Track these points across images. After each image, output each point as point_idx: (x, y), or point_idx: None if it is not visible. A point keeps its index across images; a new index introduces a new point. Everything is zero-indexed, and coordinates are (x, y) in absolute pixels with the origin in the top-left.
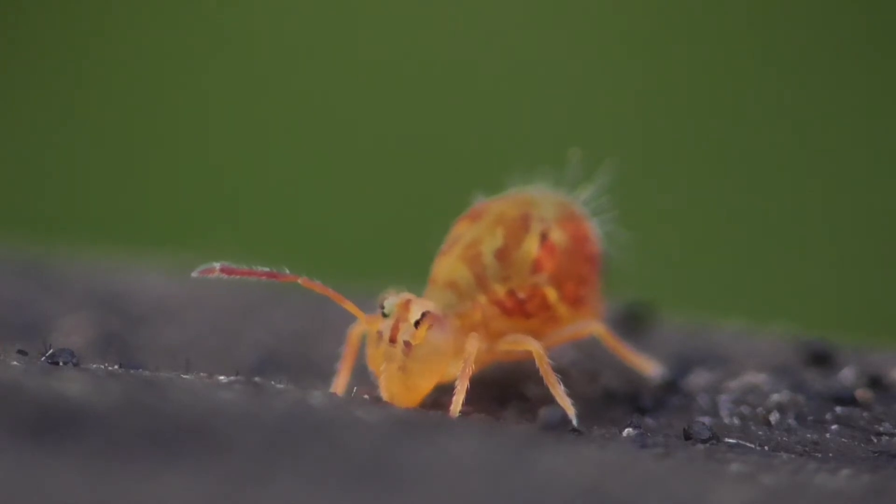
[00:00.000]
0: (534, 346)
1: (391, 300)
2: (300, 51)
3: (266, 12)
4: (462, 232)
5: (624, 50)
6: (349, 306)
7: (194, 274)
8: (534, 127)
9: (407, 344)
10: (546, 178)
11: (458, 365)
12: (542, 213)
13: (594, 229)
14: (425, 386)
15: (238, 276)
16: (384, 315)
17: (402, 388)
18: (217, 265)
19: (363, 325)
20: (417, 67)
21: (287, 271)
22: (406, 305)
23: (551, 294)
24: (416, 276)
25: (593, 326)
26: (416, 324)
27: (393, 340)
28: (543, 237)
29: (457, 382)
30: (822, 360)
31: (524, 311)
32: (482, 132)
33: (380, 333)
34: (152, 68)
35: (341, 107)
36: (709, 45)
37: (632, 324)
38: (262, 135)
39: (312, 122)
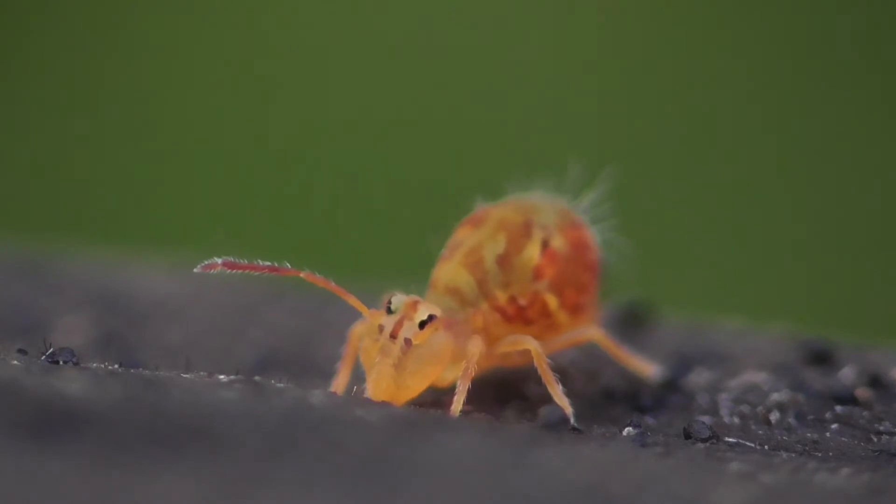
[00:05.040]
0: (532, 345)
1: (399, 297)
2: (303, 51)
3: (266, 13)
4: (463, 238)
5: (624, 56)
6: (352, 300)
7: (197, 269)
8: (535, 133)
9: (407, 341)
10: (547, 185)
11: (456, 369)
12: (544, 220)
13: (594, 237)
14: (414, 388)
15: (240, 272)
16: (390, 311)
17: (391, 385)
18: (219, 260)
19: (365, 325)
20: (421, 70)
21: (289, 266)
22: (414, 305)
23: (552, 301)
24: (415, 281)
25: (592, 332)
26: (422, 324)
27: (394, 336)
28: (545, 244)
29: (458, 382)
30: (822, 359)
31: (525, 317)
32: (483, 137)
33: (381, 328)
34: (152, 68)
35: (343, 109)
36: (710, 50)
37: (632, 323)
38: (263, 134)
39: (314, 124)
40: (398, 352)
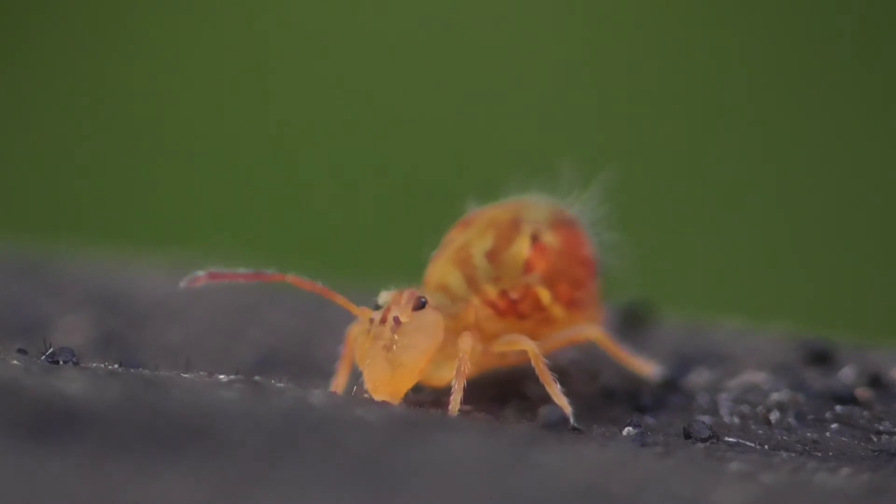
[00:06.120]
0: (529, 345)
1: (386, 294)
2: (302, 52)
3: (266, 13)
4: (454, 237)
5: (623, 56)
6: (340, 300)
7: (182, 285)
8: (533, 134)
9: (396, 320)
10: (544, 186)
11: (451, 367)
12: (534, 217)
13: (588, 234)
14: (410, 365)
15: (226, 281)
16: (378, 307)
17: (385, 368)
18: (203, 273)
19: (360, 324)
20: (420, 72)
21: (271, 271)
22: (400, 294)
23: (544, 295)
24: (413, 284)
25: (591, 331)
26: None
27: (384, 321)
28: (534, 238)
29: (454, 381)
30: (821, 358)
31: (517, 311)
32: (482, 139)
33: (371, 321)
34: (152, 68)
35: (342, 110)
36: (708, 49)
37: (631, 322)
38: (263, 135)
39: (314, 125)
40: (389, 332)
